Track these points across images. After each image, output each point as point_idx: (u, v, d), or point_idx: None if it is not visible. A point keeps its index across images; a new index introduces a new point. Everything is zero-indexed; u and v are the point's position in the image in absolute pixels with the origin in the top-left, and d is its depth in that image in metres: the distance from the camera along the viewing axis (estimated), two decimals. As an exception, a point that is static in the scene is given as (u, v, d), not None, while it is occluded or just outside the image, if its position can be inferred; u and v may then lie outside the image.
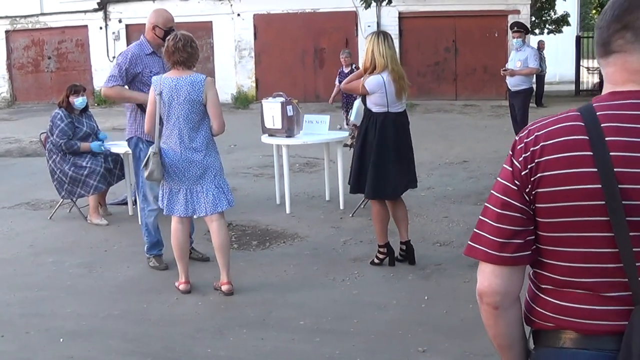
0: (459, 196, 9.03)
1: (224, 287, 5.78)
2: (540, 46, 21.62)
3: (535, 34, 26.52)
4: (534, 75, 12.04)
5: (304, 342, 4.89)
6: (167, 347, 4.89)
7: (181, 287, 5.86)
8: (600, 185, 1.64)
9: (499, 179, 1.82)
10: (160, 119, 5.67)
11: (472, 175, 10.43)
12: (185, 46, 5.55)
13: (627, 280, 1.67)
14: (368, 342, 4.84)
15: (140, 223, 6.74)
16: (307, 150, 11.94)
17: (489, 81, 21.20)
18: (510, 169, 1.78)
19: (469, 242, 1.86)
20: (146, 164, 5.69)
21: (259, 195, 9.55)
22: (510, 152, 1.80)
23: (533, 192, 1.73)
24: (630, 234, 1.64)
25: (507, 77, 11.39)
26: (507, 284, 1.80)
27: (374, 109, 6.20)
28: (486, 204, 1.83)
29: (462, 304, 5.29)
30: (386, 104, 6.16)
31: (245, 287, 5.95)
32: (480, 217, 1.84)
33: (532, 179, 1.73)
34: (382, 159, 6.18)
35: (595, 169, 1.64)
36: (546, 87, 23.02)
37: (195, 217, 6.00)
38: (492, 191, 1.83)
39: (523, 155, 1.75)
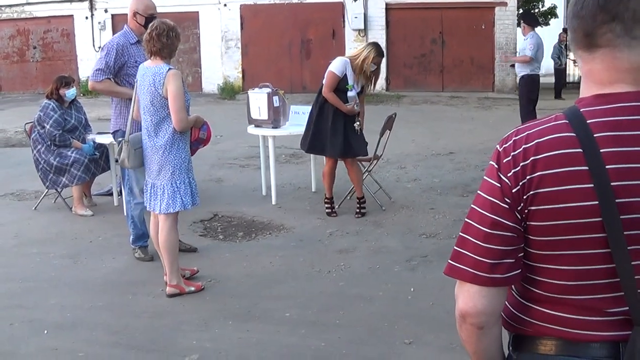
0: (445, 188, 9.03)
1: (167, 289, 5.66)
2: (561, 39, 20.79)
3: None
4: (537, 65, 11.99)
5: (290, 334, 4.89)
6: (151, 338, 4.87)
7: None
8: (597, 202, 1.55)
9: (482, 194, 1.69)
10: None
11: (459, 167, 10.43)
12: (159, 35, 5.35)
13: (622, 294, 1.61)
14: (354, 334, 4.85)
15: (125, 214, 6.69)
16: (293, 141, 11.89)
17: (475, 73, 21.21)
18: (499, 185, 1.65)
19: (450, 262, 1.73)
20: (119, 152, 5.64)
21: (245, 186, 9.52)
22: (495, 165, 1.67)
23: (526, 210, 1.62)
24: (629, 248, 1.57)
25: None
26: (494, 303, 1.70)
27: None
28: (469, 220, 1.71)
29: (448, 296, 5.24)
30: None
31: (230, 278, 5.94)
32: (462, 234, 1.72)
33: (524, 196, 1.61)
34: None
35: (592, 185, 1.55)
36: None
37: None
38: (475, 207, 1.70)
39: (513, 171, 1.63)
